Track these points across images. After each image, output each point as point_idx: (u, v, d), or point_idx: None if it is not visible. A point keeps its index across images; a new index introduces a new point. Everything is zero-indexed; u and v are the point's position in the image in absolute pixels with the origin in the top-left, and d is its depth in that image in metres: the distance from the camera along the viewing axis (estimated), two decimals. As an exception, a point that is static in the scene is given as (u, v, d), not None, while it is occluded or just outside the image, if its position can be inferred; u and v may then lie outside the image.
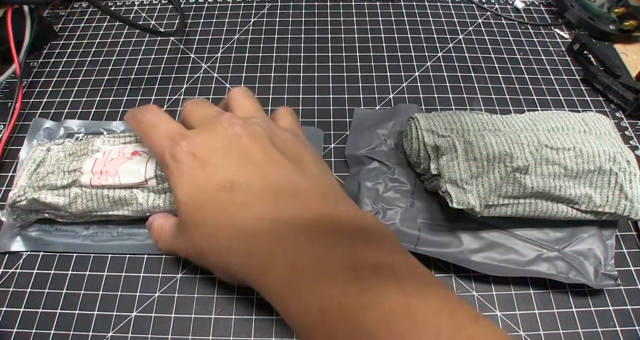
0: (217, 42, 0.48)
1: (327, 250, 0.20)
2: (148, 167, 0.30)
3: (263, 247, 0.21)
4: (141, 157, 0.31)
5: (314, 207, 0.23)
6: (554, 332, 0.30)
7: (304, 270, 0.19)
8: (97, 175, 0.30)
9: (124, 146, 0.32)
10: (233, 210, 0.23)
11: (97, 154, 0.32)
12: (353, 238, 0.21)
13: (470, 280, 0.32)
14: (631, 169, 0.31)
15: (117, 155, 0.32)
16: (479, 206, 0.30)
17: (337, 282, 0.18)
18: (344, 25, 0.50)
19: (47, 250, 0.33)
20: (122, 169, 0.30)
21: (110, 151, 0.32)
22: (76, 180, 0.30)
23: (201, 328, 0.30)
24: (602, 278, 0.31)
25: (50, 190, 0.31)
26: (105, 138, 0.33)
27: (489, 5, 0.52)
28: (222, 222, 0.23)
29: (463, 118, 0.34)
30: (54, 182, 0.30)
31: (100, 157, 0.31)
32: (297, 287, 0.19)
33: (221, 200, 0.23)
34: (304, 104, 0.42)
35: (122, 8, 0.52)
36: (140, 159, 0.31)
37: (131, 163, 0.30)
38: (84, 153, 0.33)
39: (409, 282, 0.19)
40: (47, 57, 0.47)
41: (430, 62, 0.46)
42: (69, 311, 0.31)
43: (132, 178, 0.30)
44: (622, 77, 0.42)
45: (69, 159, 0.32)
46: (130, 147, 0.32)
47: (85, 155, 0.32)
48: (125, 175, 0.30)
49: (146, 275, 0.32)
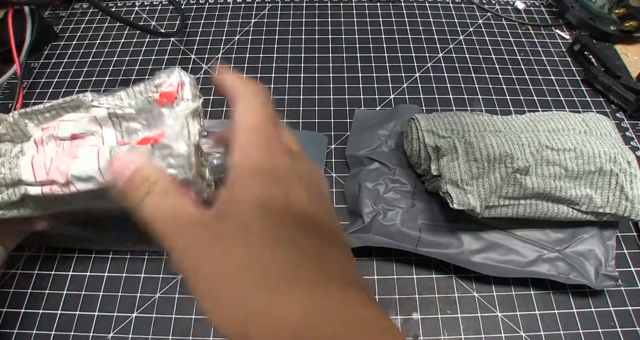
0: (217, 43, 0.48)
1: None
2: (103, 167, 0.24)
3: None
4: (87, 148, 0.25)
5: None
6: (554, 333, 0.30)
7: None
8: (47, 185, 0.24)
9: (55, 126, 0.26)
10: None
11: (27, 148, 0.26)
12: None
13: (470, 280, 0.32)
14: (632, 169, 0.31)
15: (54, 149, 0.25)
16: (479, 207, 0.30)
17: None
18: (345, 26, 0.50)
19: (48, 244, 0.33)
20: (72, 175, 0.24)
21: (41, 139, 0.26)
22: (25, 194, 0.25)
23: (202, 329, 0.30)
24: (603, 279, 0.31)
25: (6, 209, 0.26)
26: (23, 114, 0.26)
27: (489, 6, 0.52)
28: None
29: (463, 119, 0.34)
30: (0, 200, 0.25)
31: (35, 154, 0.25)
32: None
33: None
34: (304, 104, 0.42)
35: (122, 9, 0.52)
36: (87, 153, 0.24)
37: (80, 164, 0.24)
38: (9, 139, 0.26)
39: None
40: (47, 58, 0.47)
41: (430, 63, 0.46)
42: (70, 312, 0.31)
43: (90, 184, 0.24)
44: (623, 78, 0.42)
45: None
46: (63, 126, 0.26)
47: (10, 142, 0.26)
48: (78, 183, 0.24)
49: (147, 276, 0.32)
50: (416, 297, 0.31)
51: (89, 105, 0.26)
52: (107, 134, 0.25)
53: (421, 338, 0.30)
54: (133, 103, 0.25)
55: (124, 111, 0.25)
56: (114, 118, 0.25)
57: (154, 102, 0.25)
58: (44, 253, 0.33)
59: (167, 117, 0.24)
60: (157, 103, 0.24)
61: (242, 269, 0.17)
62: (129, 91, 0.25)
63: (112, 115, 0.25)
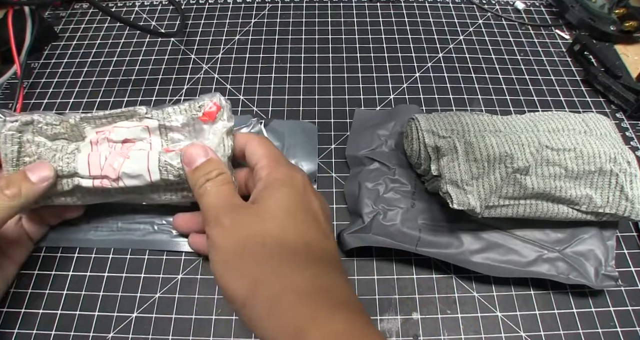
0: (217, 43, 0.48)
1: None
2: (151, 167, 0.29)
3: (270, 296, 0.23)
4: (138, 151, 0.29)
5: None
6: (554, 333, 0.30)
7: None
8: (98, 179, 0.29)
9: (110, 131, 0.30)
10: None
11: (83, 147, 0.30)
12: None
13: (470, 280, 0.32)
14: (632, 169, 0.31)
15: (107, 150, 0.30)
16: (479, 207, 0.30)
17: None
18: (345, 26, 0.50)
19: (50, 245, 0.33)
20: (124, 172, 0.29)
21: (97, 140, 0.30)
22: (77, 185, 0.29)
23: (202, 329, 0.30)
24: (603, 279, 0.31)
25: (55, 197, 0.30)
26: (84, 118, 0.31)
27: (489, 6, 0.52)
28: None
29: (463, 119, 0.34)
30: (54, 190, 0.29)
31: (91, 153, 0.30)
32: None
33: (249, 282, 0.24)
34: (304, 104, 0.42)
35: (122, 9, 0.52)
36: (138, 155, 0.29)
37: (131, 163, 0.29)
38: (66, 137, 0.30)
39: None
40: (47, 58, 0.47)
41: (430, 63, 0.46)
42: (70, 312, 0.31)
43: (137, 181, 0.29)
44: (623, 78, 0.42)
45: (54, 149, 0.29)
46: (117, 131, 0.30)
47: (67, 140, 0.30)
48: (128, 179, 0.29)
49: (147, 276, 0.32)
50: (416, 297, 0.31)
51: (142, 116, 0.30)
52: (154, 141, 0.30)
53: (421, 338, 0.30)
54: (179, 118, 0.30)
55: (171, 124, 0.30)
56: (162, 128, 0.30)
57: (197, 119, 0.30)
58: (44, 253, 0.33)
59: (207, 132, 0.30)
60: (200, 120, 0.30)
61: (266, 240, 0.24)
62: (176, 108, 0.30)
63: (162, 126, 0.30)
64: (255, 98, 0.43)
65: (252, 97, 0.43)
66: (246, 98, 0.43)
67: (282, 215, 0.25)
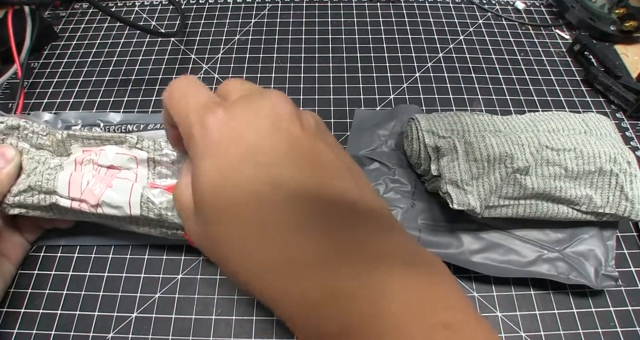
0: (217, 42, 0.48)
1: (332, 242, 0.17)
2: (132, 202, 0.27)
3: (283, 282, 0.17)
4: (122, 181, 0.28)
5: (370, 241, 0.18)
6: (554, 333, 0.30)
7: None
8: (77, 202, 0.28)
9: (97, 153, 0.29)
10: (269, 219, 0.18)
11: (67, 165, 0.29)
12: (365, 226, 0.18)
13: (470, 280, 0.32)
14: (632, 170, 0.31)
15: (91, 173, 0.29)
16: (479, 207, 0.30)
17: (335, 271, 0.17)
18: (345, 26, 0.50)
19: (50, 244, 0.33)
20: (104, 201, 0.28)
21: (82, 160, 0.29)
22: (54, 203, 0.28)
23: (202, 329, 0.30)
24: (603, 279, 0.31)
25: (31, 209, 0.29)
26: (71, 135, 0.30)
27: (489, 6, 0.52)
28: (249, 225, 0.18)
29: (464, 119, 0.34)
30: (30, 202, 0.28)
31: (74, 172, 0.28)
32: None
33: (252, 198, 0.18)
34: (304, 104, 0.42)
35: (122, 9, 0.52)
36: (122, 185, 0.28)
37: (113, 193, 0.28)
38: (50, 150, 0.30)
39: (411, 273, 0.17)
40: (47, 58, 0.47)
41: (430, 63, 0.46)
42: (70, 312, 0.31)
43: (117, 212, 0.28)
44: (623, 78, 0.42)
45: (36, 160, 0.29)
46: (103, 155, 0.29)
47: (49, 152, 0.29)
48: (107, 208, 0.28)
49: (147, 276, 0.32)
50: (416, 297, 0.31)
51: (132, 145, 0.29)
52: (141, 172, 0.29)
53: (421, 338, 0.30)
54: (170, 153, 0.29)
55: (161, 158, 0.29)
56: (150, 161, 0.29)
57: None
58: (44, 253, 0.33)
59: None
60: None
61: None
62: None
63: (150, 159, 0.29)
64: (255, 98, 0.43)
65: (252, 97, 0.43)
66: (246, 98, 0.43)
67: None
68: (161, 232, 0.30)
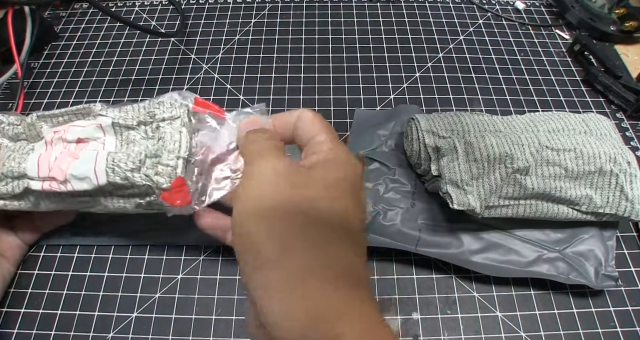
0: (217, 43, 0.48)
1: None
2: (98, 170, 0.26)
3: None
4: (88, 152, 0.27)
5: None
6: (554, 333, 0.30)
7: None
8: (47, 181, 0.27)
9: (67, 129, 0.28)
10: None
11: (38, 147, 0.28)
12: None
13: (470, 281, 0.32)
14: (632, 170, 0.31)
15: (60, 150, 0.28)
16: (479, 207, 0.30)
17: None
18: (345, 26, 0.50)
19: (50, 244, 0.33)
20: (71, 174, 0.26)
21: (52, 141, 0.28)
22: (27, 187, 0.27)
23: (202, 329, 0.30)
24: (603, 279, 0.31)
25: (8, 200, 0.28)
26: (41, 116, 0.29)
27: (489, 6, 0.52)
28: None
29: (464, 119, 0.34)
30: (5, 191, 0.28)
31: (43, 153, 0.28)
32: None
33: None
34: (304, 104, 0.42)
35: (122, 9, 0.52)
36: (87, 155, 0.27)
37: (79, 164, 0.26)
38: (25, 138, 0.29)
39: None
40: (48, 58, 0.47)
41: (430, 63, 0.46)
42: (70, 312, 0.31)
43: (85, 184, 0.26)
44: (623, 78, 0.42)
45: (12, 149, 0.28)
46: (71, 130, 0.28)
47: (26, 140, 0.29)
48: (75, 181, 0.26)
49: (147, 276, 0.32)
50: (416, 297, 0.31)
51: (97, 113, 0.28)
52: (108, 141, 0.28)
53: (421, 338, 0.30)
54: (136, 116, 0.28)
55: (126, 122, 0.28)
56: (116, 127, 0.28)
57: (156, 118, 0.27)
58: (44, 253, 0.33)
59: (169, 132, 0.27)
60: (195, 110, 0.28)
61: (313, 206, 0.22)
62: (134, 106, 0.28)
63: (116, 124, 0.28)
64: (255, 98, 0.43)
65: (252, 97, 0.43)
66: (246, 98, 0.43)
67: (337, 190, 0.23)
68: (136, 205, 0.28)
